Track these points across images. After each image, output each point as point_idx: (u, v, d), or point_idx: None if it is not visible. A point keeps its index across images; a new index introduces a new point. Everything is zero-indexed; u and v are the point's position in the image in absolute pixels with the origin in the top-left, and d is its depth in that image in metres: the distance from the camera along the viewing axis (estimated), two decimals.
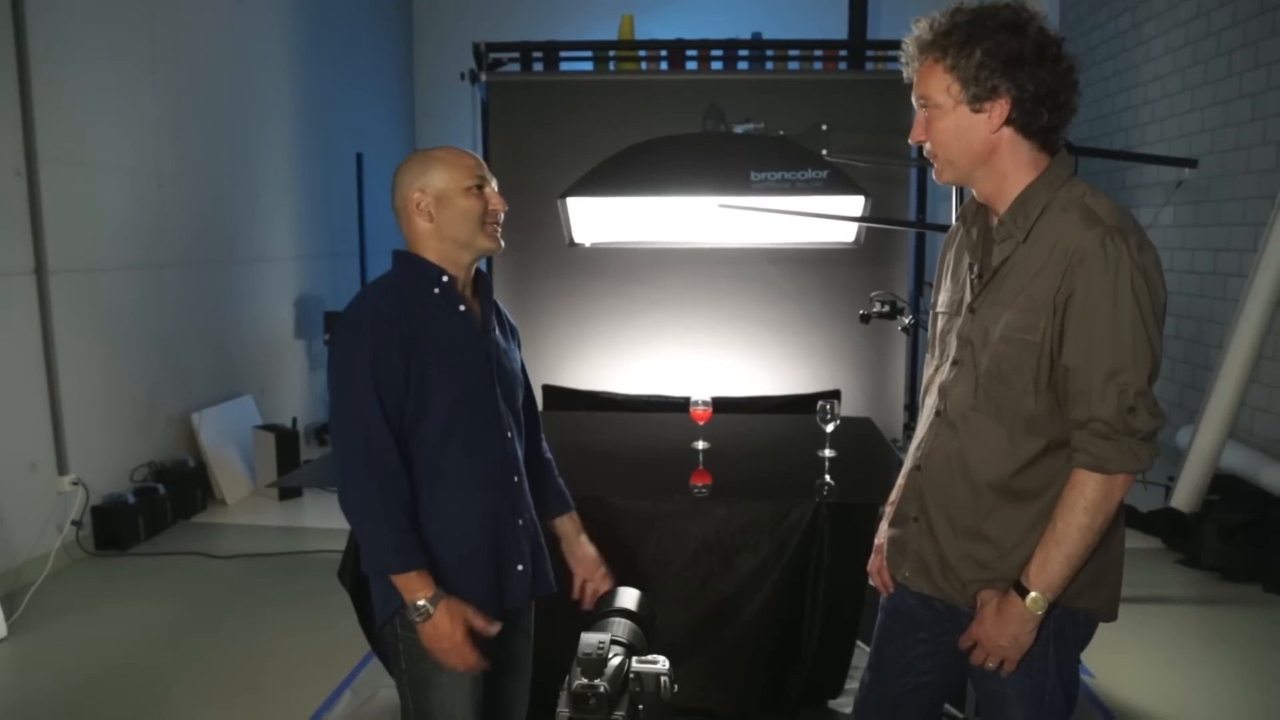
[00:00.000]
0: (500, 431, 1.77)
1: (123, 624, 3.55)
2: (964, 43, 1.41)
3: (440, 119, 8.06)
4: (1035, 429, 1.48)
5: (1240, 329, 3.93)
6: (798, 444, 3.09)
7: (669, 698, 1.26)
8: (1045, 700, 1.55)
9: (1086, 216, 1.42)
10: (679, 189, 3.04)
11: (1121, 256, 1.38)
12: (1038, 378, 1.45)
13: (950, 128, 1.46)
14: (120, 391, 4.57)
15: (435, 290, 1.72)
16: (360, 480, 1.62)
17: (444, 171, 1.72)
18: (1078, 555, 1.43)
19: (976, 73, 1.41)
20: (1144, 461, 1.41)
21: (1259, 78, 4.74)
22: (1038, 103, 1.42)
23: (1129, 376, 1.38)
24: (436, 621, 1.61)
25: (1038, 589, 1.45)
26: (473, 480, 1.72)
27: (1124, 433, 1.39)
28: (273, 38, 6.06)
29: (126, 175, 4.62)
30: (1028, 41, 1.39)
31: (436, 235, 1.73)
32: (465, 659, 1.63)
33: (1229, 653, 3.36)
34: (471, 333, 1.75)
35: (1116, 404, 1.39)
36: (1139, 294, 1.38)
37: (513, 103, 5.14)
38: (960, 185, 1.59)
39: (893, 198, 4.85)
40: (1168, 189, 5.41)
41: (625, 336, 5.04)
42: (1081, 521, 1.42)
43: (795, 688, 2.66)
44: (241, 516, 4.89)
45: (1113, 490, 1.41)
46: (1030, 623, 1.47)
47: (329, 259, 6.73)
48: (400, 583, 1.61)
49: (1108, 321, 1.38)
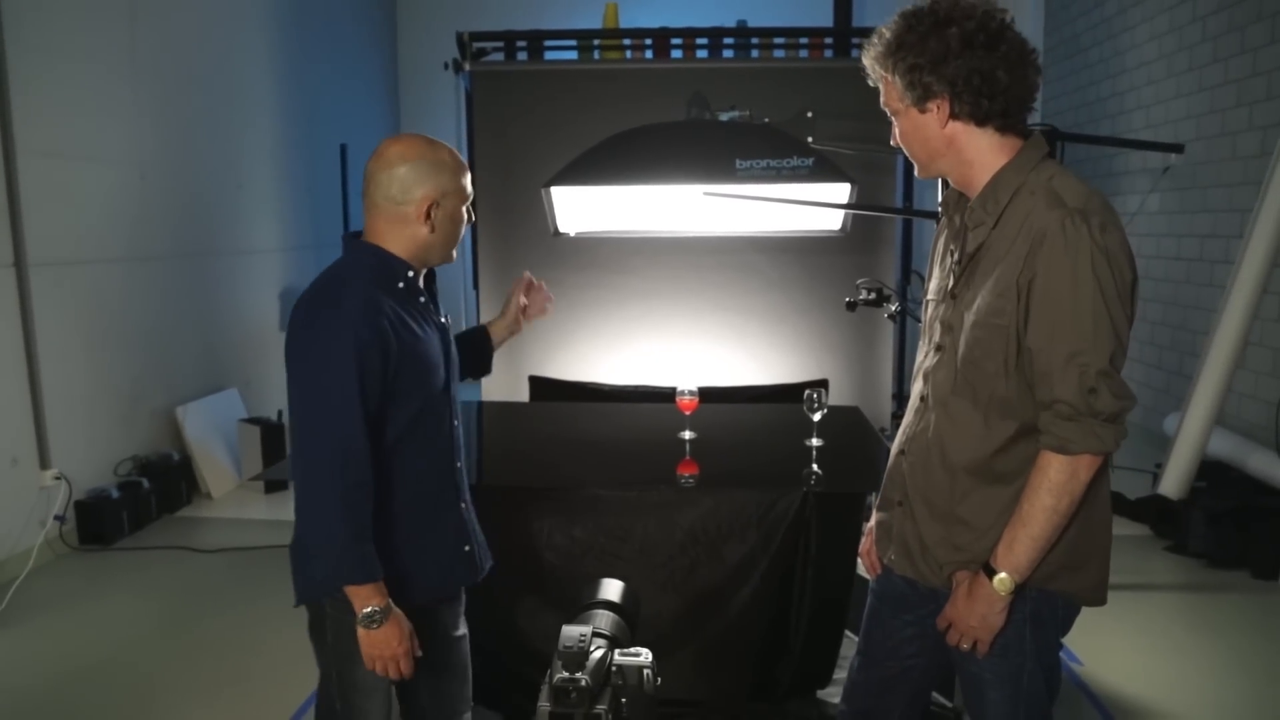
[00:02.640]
0: (450, 420, 1.79)
1: (106, 619, 3.52)
2: (895, 50, 1.47)
3: (424, 109, 8.01)
4: (1008, 412, 1.49)
5: (1226, 315, 3.93)
6: (785, 433, 3.08)
7: (652, 690, 1.24)
8: (1023, 683, 1.57)
9: (1051, 199, 1.43)
10: (664, 177, 3.02)
11: (1081, 238, 1.38)
12: (1007, 360, 1.47)
13: (909, 130, 1.53)
14: (103, 385, 4.53)
15: (400, 284, 1.69)
16: (330, 492, 1.56)
17: (456, 180, 1.69)
18: (1043, 537, 1.45)
19: (909, 76, 1.46)
20: (1107, 443, 1.41)
21: (1244, 63, 4.74)
22: (976, 92, 1.44)
23: (1089, 358, 1.39)
24: (386, 631, 1.62)
25: (1004, 570, 1.47)
26: (426, 471, 1.74)
27: (1086, 414, 1.40)
28: (255, 27, 6.00)
29: (107, 166, 4.56)
30: (952, 36, 1.42)
31: (420, 242, 1.68)
32: (402, 669, 1.66)
33: (1216, 639, 3.37)
34: (431, 324, 1.75)
35: (1078, 385, 1.39)
36: (1100, 275, 1.38)
37: (497, 92, 5.10)
38: (937, 178, 1.62)
39: (879, 185, 4.83)
40: (1154, 175, 5.41)
41: (611, 327, 5.02)
42: (1046, 503, 1.43)
43: (783, 678, 2.65)
44: (227, 510, 4.86)
45: (1077, 471, 1.42)
46: (998, 603, 1.49)
47: (314, 251, 6.68)
48: (358, 593, 1.60)
49: (1068, 303, 1.39)
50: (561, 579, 2.58)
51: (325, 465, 1.56)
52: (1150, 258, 5.68)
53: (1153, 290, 5.68)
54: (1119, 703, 2.87)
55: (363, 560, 1.59)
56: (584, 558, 2.60)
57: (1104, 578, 1.57)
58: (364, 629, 1.62)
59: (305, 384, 1.60)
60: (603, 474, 2.85)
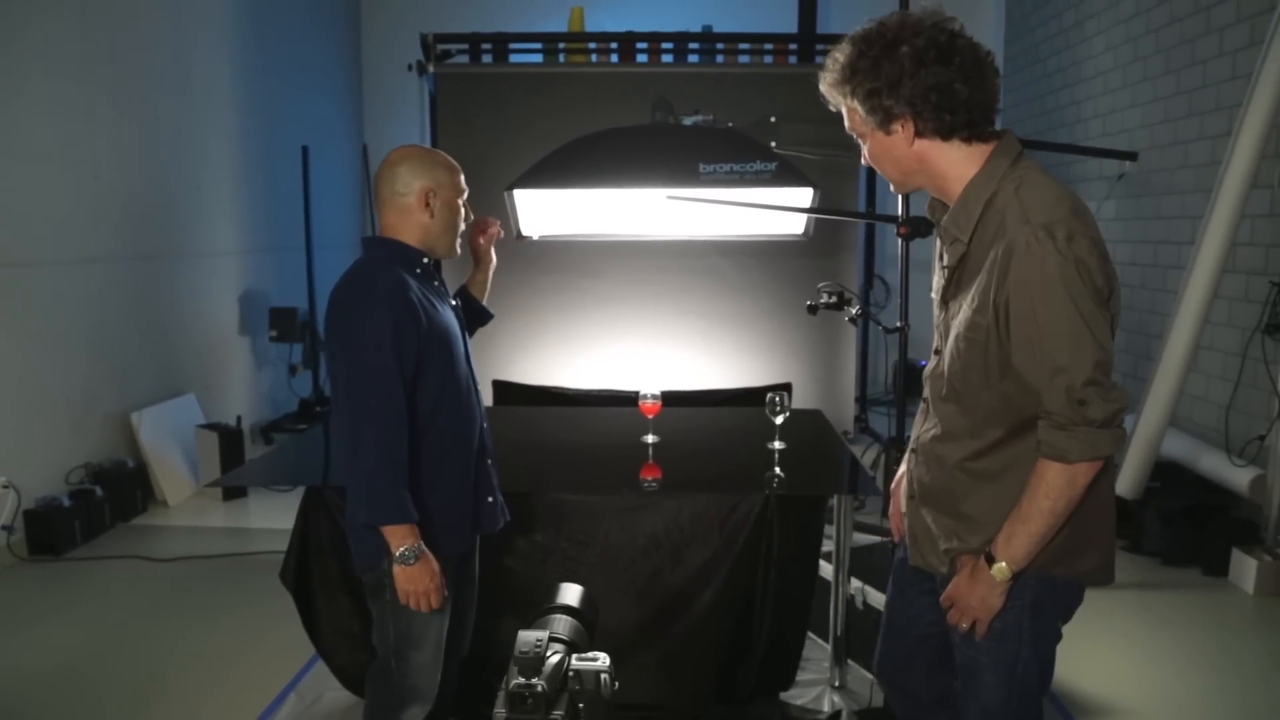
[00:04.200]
0: (473, 388, 2.07)
1: (58, 630, 3.43)
2: (851, 78, 1.47)
3: (388, 111, 7.94)
4: (994, 419, 1.53)
5: (1179, 320, 4.01)
6: (748, 437, 3.08)
7: (609, 695, 1.23)
8: (1018, 670, 1.61)
9: (1016, 214, 1.43)
10: (628, 181, 3.01)
11: (1048, 254, 1.38)
12: (989, 373, 1.49)
13: (878, 151, 1.55)
14: (54, 390, 4.43)
15: (418, 270, 1.95)
16: (374, 442, 1.81)
17: (450, 175, 1.97)
18: (1040, 534, 1.48)
19: (868, 102, 1.47)
20: (1103, 448, 1.43)
21: (1195, 74, 4.84)
22: (936, 108, 1.44)
23: (1073, 373, 1.40)
24: (420, 568, 1.86)
25: (1003, 559, 1.52)
26: (460, 432, 2.00)
27: (1080, 424, 1.42)
28: (213, 25, 5.91)
29: (59, 165, 4.46)
30: (904, 56, 1.42)
31: (428, 229, 1.95)
32: (433, 601, 1.90)
33: (1171, 635, 3.43)
34: (447, 305, 2.03)
35: (1065, 399, 1.41)
36: (1070, 287, 1.38)
37: (461, 94, 5.07)
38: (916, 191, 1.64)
39: (842, 190, 4.87)
40: (1110, 182, 5.51)
41: (575, 330, 5.01)
42: (1044, 505, 1.46)
43: (746, 680, 2.65)
44: (184, 518, 4.77)
45: (1075, 478, 1.45)
46: (998, 588, 1.54)
47: (274, 254, 6.59)
48: (395, 533, 1.84)
49: (1043, 322, 1.40)
50: (523, 585, 2.56)
51: (367, 422, 1.81)
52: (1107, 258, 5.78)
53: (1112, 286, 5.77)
54: (1077, 700, 2.91)
55: (400, 504, 1.83)
56: (546, 563, 2.59)
57: (1108, 559, 1.61)
58: (400, 566, 1.85)
59: (349, 354, 1.84)
60: (565, 479, 2.84)
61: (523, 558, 2.58)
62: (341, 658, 2.69)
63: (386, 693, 2.03)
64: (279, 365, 6.54)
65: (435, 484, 1.95)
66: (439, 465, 1.96)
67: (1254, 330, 4.17)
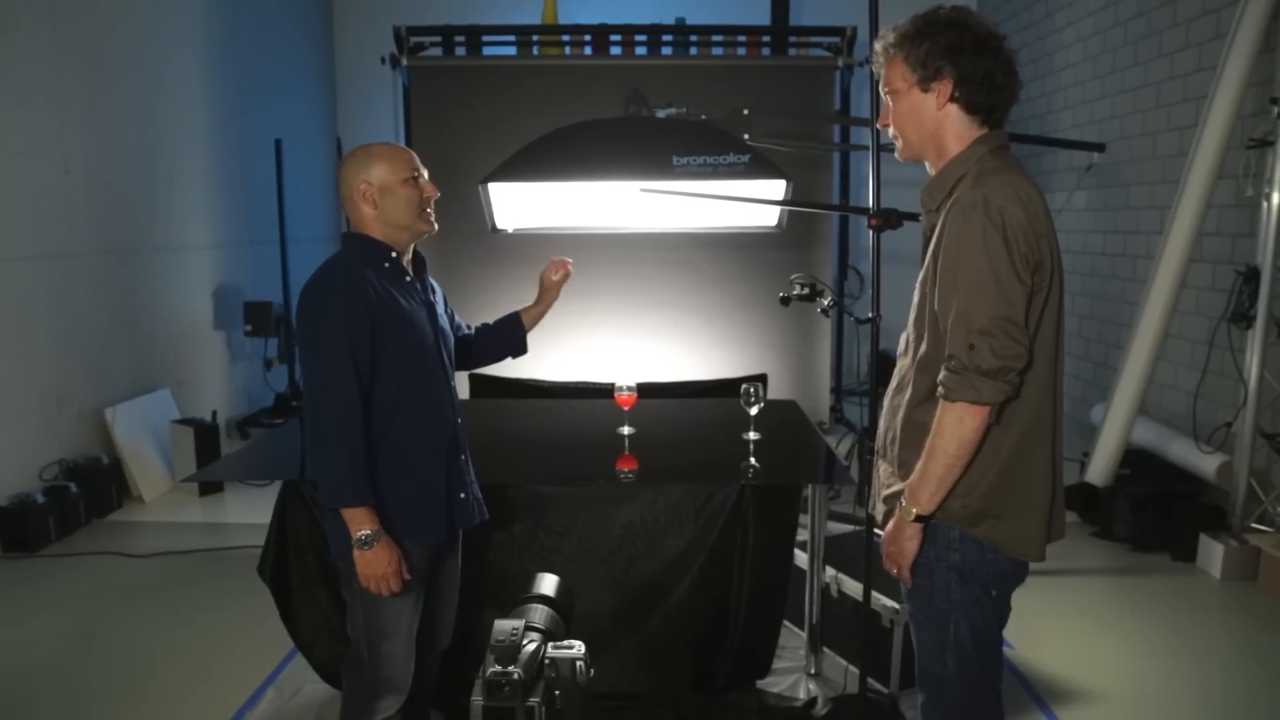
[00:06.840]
0: (445, 380, 2.09)
1: (33, 627, 3.41)
2: (915, 37, 1.67)
3: (361, 104, 7.89)
4: (926, 367, 1.67)
5: (1148, 309, 4.08)
6: (723, 427, 3.11)
7: (585, 682, 1.25)
8: (950, 632, 1.72)
9: (967, 187, 1.61)
10: (601, 173, 3.02)
11: (976, 214, 1.55)
12: (924, 322, 1.66)
13: (906, 109, 1.71)
14: (27, 387, 4.38)
15: (385, 264, 2.00)
16: (327, 430, 1.88)
17: (385, 164, 2.00)
18: (937, 475, 1.61)
19: (925, 59, 1.65)
20: (983, 394, 1.55)
21: (1162, 66, 4.91)
22: (976, 83, 1.64)
23: (973, 318, 1.54)
24: (376, 552, 1.89)
25: (907, 499, 1.67)
26: (426, 424, 2.03)
27: (970, 368, 1.55)
28: (184, 17, 5.85)
29: (28, 160, 4.41)
30: (968, 35, 1.64)
31: (381, 220, 2.00)
32: (390, 587, 1.93)
33: (1140, 619, 3.49)
34: (418, 298, 2.06)
35: (962, 340, 1.55)
36: (989, 244, 1.54)
37: (434, 87, 5.06)
38: (915, 161, 1.78)
39: (815, 182, 4.90)
40: (1080, 173, 5.58)
41: (550, 323, 4.98)
42: (936, 444, 1.60)
43: (722, 669, 2.68)
44: (160, 514, 4.74)
45: (962, 419, 1.57)
46: (908, 529, 1.68)
47: (249, 248, 6.54)
48: (351, 515, 1.89)
49: (959, 270, 1.56)
50: (500, 575, 2.58)
51: (323, 409, 1.88)
52: (1077, 253, 5.85)
53: (1079, 285, 5.85)
54: (1049, 684, 2.97)
55: (355, 486, 1.88)
56: (523, 554, 2.60)
57: (1035, 533, 1.68)
58: (358, 550, 1.89)
59: (306, 346, 1.93)
60: (541, 470, 2.85)
61: (500, 549, 2.60)
62: (320, 651, 2.69)
63: (361, 683, 2.07)
64: (254, 360, 6.50)
65: (399, 472, 1.99)
66: (403, 454, 1.99)
67: (1220, 319, 4.25)
